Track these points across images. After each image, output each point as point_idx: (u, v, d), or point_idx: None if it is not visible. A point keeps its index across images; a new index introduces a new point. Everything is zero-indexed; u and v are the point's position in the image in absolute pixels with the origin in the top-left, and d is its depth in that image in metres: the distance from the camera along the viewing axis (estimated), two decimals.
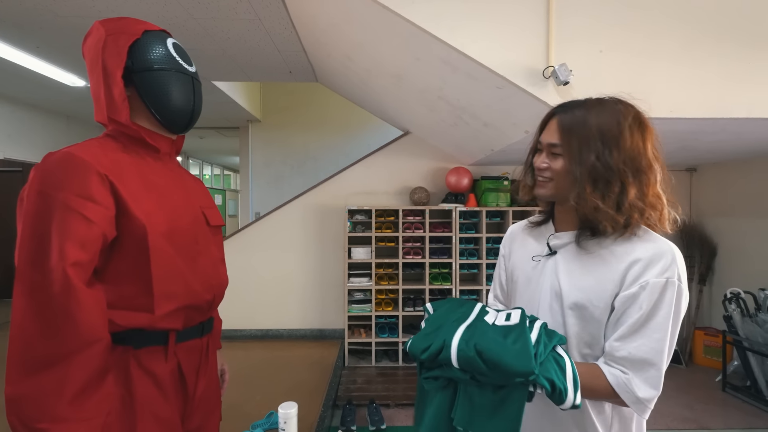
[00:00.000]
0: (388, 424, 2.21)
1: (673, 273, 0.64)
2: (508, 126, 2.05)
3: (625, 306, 0.65)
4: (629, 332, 0.64)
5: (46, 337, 0.62)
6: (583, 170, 0.68)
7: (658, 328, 0.63)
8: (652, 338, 0.63)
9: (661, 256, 0.65)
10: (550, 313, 0.74)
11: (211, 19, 2.16)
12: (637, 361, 0.64)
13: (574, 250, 0.73)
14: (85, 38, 0.80)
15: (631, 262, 0.66)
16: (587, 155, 0.67)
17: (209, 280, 0.86)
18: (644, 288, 0.64)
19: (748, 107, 1.66)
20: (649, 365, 0.63)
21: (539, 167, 0.74)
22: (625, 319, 0.65)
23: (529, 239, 0.84)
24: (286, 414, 1.42)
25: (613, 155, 0.67)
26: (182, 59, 0.83)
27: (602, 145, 0.67)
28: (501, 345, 0.55)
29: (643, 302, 0.64)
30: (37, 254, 0.64)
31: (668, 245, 0.67)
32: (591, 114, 0.69)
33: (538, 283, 0.77)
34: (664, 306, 0.63)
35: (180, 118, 0.83)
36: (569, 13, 1.61)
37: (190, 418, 0.84)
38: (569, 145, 0.70)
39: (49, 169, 0.67)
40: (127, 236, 0.72)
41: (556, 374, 0.55)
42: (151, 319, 0.74)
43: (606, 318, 0.68)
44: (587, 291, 0.69)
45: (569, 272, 0.72)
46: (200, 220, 0.87)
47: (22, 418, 0.60)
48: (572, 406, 0.54)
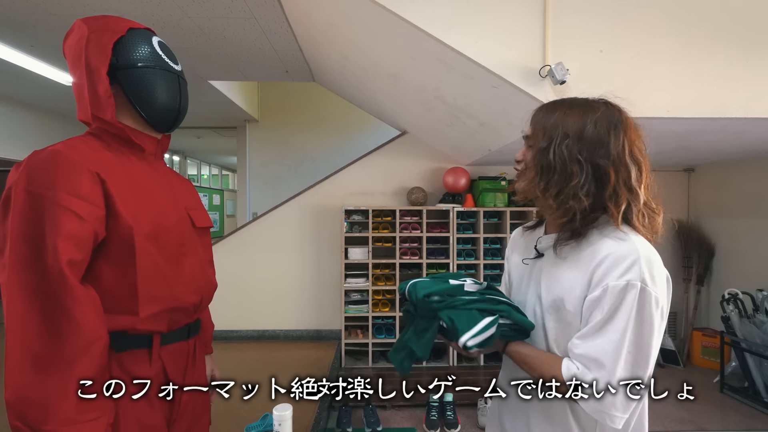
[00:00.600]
0: (385, 426, 2.19)
1: (634, 275, 0.62)
2: (505, 126, 2.04)
3: (591, 309, 0.65)
4: (589, 332, 0.64)
5: (47, 339, 0.61)
6: (536, 158, 0.69)
7: (615, 330, 0.62)
8: (607, 339, 0.62)
9: (624, 257, 0.63)
10: (534, 317, 0.75)
11: (206, 18, 2.14)
12: (590, 359, 0.63)
13: (552, 253, 0.74)
14: (66, 36, 0.78)
15: (596, 264, 0.65)
16: (544, 143, 0.69)
17: (196, 282, 0.84)
18: (605, 291, 0.63)
19: (746, 107, 1.65)
20: (599, 366, 0.62)
21: (516, 159, 0.76)
22: (589, 321, 0.65)
23: (524, 242, 0.85)
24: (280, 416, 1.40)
25: (569, 145, 0.66)
26: (168, 57, 0.82)
27: (561, 135, 0.67)
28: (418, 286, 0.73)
29: (605, 305, 0.63)
30: (31, 255, 0.62)
31: (634, 246, 0.64)
32: (562, 107, 0.71)
33: (527, 286, 0.79)
34: (624, 309, 0.62)
35: (166, 117, 0.81)
36: (566, 11, 1.60)
37: (176, 423, 0.82)
38: (536, 135, 0.72)
39: (36, 168, 0.65)
40: (113, 237, 0.71)
41: (462, 321, 0.67)
42: (134, 322, 0.72)
43: (578, 321, 0.68)
44: (561, 294, 0.70)
45: (548, 275, 0.73)
46: (186, 221, 0.85)
47: (27, 422, 0.59)
48: (463, 346, 0.66)
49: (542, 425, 0.74)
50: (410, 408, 2.39)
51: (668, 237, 0.75)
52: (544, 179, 0.68)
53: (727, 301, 2.61)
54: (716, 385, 2.69)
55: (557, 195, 0.67)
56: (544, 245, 0.76)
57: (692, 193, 3.38)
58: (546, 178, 0.68)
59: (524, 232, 0.87)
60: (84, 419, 0.62)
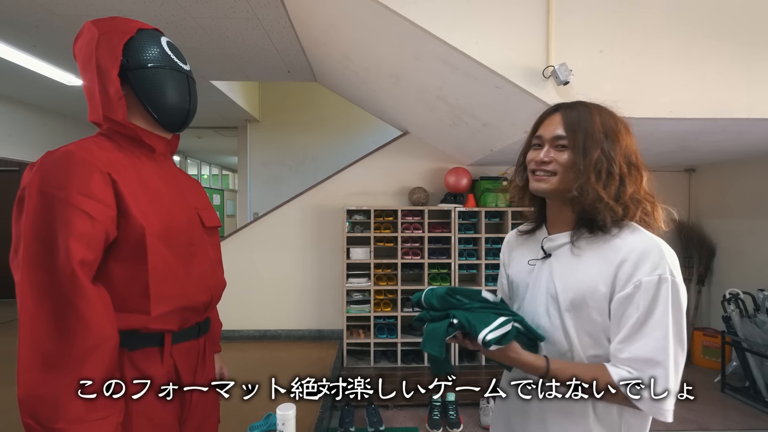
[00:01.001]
0: (387, 426, 2.19)
1: (664, 269, 0.64)
2: (508, 126, 2.04)
3: (623, 307, 0.65)
4: (630, 333, 0.64)
5: (58, 338, 0.62)
6: (588, 162, 0.69)
7: (658, 326, 0.63)
8: (653, 336, 0.63)
9: (648, 252, 0.65)
10: (548, 317, 0.74)
11: (209, 18, 2.14)
12: (641, 361, 0.63)
13: (567, 251, 0.74)
14: (76, 38, 0.79)
15: (621, 261, 0.66)
16: (592, 148, 0.69)
17: (206, 281, 0.85)
18: (638, 288, 0.64)
19: (747, 108, 1.65)
20: (654, 364, 0.63)
21: (542, 160, 0.74)
22: (625, 321, 0.65)
23: (525, 245, 0.85)
24: (284, 415, 1.41)
25: (614, 150, 0.69)
26: (177, 57, 0.82)
27: (605, 139, 0.70)
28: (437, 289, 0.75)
29: (640, 302, 0.64)
30: (44, 255, 0.63)
31: (654, 241, 0.67)
32: (593, 111, 0.72)
33: (535, 287, 0.78)
34: (661, 303, 0.63)
35: (176, 116, 0.82)
36: (569, 12, 1.61)
37: (187, 420, 0.83)
38: (575, 138, 0.71)
39: (49, 168, 0.66)
40: (124, 236, 0.71)
41: (478, 319, 0.68)
42: (146, 321, 0.73)
43: (603, 319, 0.68)
44: (581, 292, 0.69)
45: (563, 274, 0.73)
46: (195, 221, 0.86)
47: (38, 419, 0.60)
48: (482, 342, 0.66)
49: (563, 425, 0.73)
50: (412, 408, 2.40)
51: (669, 237, 0.76)
52: (601, 181, 0.69)
53: (728, 300, 2.62)
54: (717, 384, 2.69)
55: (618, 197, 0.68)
56: (552, 245, 0.77)
57: (693, 193, 3.38)
58: (603, 181, 0.69)
59: (520, 237, 0.87)
60: (93, 418, 0.62)
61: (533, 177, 0.76)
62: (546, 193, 0.75)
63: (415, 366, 2.87)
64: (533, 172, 0.77)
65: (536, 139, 0.77)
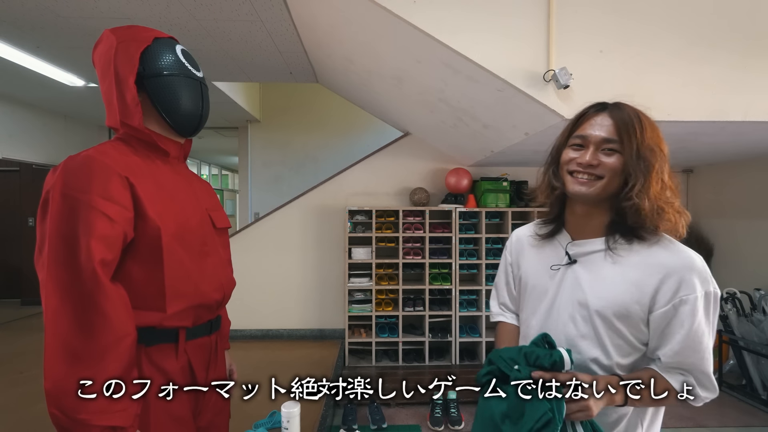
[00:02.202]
0: (390, 423, 2.22)
1: (708, 284, 0.66)
2: (508, 128, 2.07)
3: (666, 321, 0.67)
4: (681, 348, 0.66)
5: (81, 334, 0.65)
6: (640, 167, 0.67)
7: (702, 339, 0.66)
8: (700, 350, 0.66)
9: (692, 269, 0.66)
10: (574, 324, 0.73)
11: (212, 21, 2.16)
12: (693, 370, 0.68)
13: (599, 258, 0.72)
14: (96, 45, 0.82)
15: (665, 275, 0.67)
16: (650, 155, 0.68)
17: (218, 279, 0.88)
18: (684, 303, 0.65)
19: (744, 111, 1.69)
20: (701, 372, 0.67)
21: (588, 163, 0.69)
22: (671, 333, 0.67)
23: (542, 248, 0.82)
24: (289, 413, 1.42)
25: (657, 156, 0.69)
26: (191, 65, 0.85)
27: (652, 145, 0.69)
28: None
29: (685, 319, 0.65)
30: (67, 254, 0.66)
31: (696, 256, 0.69)
32: (640, 115, 0.71)
33: (557, 293, 0.76)
34: (707, 317, 0.66)
35: (189, 122, 0.85)
36: (569, 18, 1.63)
37: (201, 414, 0.86)
38: (628, 143, 0.68)
39: (71, 172, 0.69)
40: (141, 237, 0.74)
41: None
42: (162, 318, 0.76)
43: (640, 328, 0.69)
44: (617, 302, 0.69)
45: (595, 281, 0.71)
46: (207, 222, 0.89)
47: (64, 410, 0.63)
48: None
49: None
50: (415, 405, 2.42)
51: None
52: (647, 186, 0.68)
53: (725, 300, 2.65)
54: None
55: (656, 200, 0.68)
56: (580, 251, 0.74)
57: (691, 193, 3.42)
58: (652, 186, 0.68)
59: (535, 239, 0.83)
60: (114, 409, 0.65)
61: (573, 179, 0.71)
62: (586, 197, 0.71)
63: (416, 365, 2.90)
64: (571, 173, 0.72)
65: (578, 139, 0.72)
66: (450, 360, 2.93)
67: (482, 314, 2.94)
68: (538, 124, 1.82)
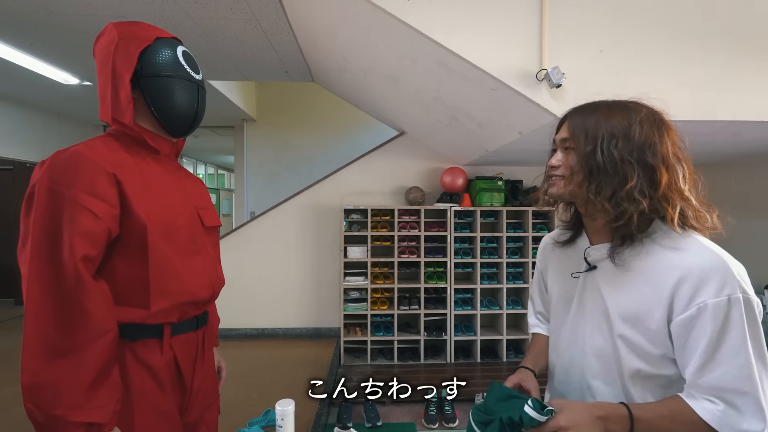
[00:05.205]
0: (384, 421, 2.23)
1: (734, 287, 0.56)
2: (503, 127, 2.08)
3: (686, 331, 0.59)
4: (704, 362, 0.57)
5: (61, 329, 0.65)
6: (582, 160, 0.65)
7: (737, 352, 0.56)
8: (733, 364, 0.56)
9: (712, 270, 0.57)
10: (601, 334, 0.68)
11: (208, 19, 2.16)
12: (725, 391, 0.57)
13: (610, 263, 0.67)
14: (98, 38, 0.82)
15: (678, 280, 0.59)
16: (589, 145, 0.65)
17: (209, 278, 0.88)
18: (703, 310, 0.57)
19: (733, 111, 1.71)
20: (741, 394, 0.56)
21: (552, 164, 0.71)
22: (692, 346, 0.58)
23: (563, 254, 0.79)
24: (283, 411, 1.43)
25: (618, 146, 0.63)
26: (190, 67, 0.85)
27: (608, 135, 0.64)
28: None
29: (707, 326, 0.56)
30: (50, 249, 0.66)
31: (717, 255, 0.59)
32: (601, 108, 0.68)
33: (580, 302, 0.73)
34: (735, 326, 0.56)
35: (182, 123, 0.85)
36: (562, 17, 1.65)
37: (188, 410, 0.86)
38: (577, 137, 0.67)
39: (58, 167, 0.69)
40: (127, 234, 0.74)
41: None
42: (146, 315, 0.76)
43: (660, 342, 0.62)
44: (632, 311, 0.64)
45: (611, 288, 0.68)
46: (195, 220, 0.89)
47: (39, 405, 0.63)
48: None
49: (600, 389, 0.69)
50: (409, 403, 2.43)
51: None
52: (594, 182, 0.64)
53: None
54: None
55: (611, 197, 0.63)
56: (596, 257, 0.70)
57: None
58: (597, 180, 0.64)
59: (556, 247, 0.81)
60: (92, 405, 0.65)
61: (549, 182, 0.73)
62: (558, 198, 0.72)
63: (411, 363, 2.91)
64: (548, 178, 0.73)
65: (552, 144, 0.74)
66: (445, 358, 2.95)
67: (477, 313, 2.96)
68: (532, 123, 1.84)
